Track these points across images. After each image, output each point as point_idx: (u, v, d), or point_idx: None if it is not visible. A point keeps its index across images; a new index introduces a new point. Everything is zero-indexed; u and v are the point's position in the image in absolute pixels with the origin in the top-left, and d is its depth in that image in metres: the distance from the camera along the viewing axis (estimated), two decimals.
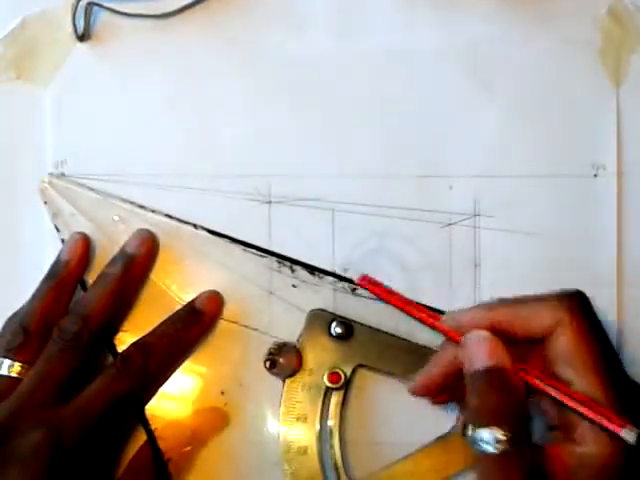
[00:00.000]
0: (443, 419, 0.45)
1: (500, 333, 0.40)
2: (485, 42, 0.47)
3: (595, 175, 0.46)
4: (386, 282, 0.46)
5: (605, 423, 0.38)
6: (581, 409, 0.38)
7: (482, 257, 0.46)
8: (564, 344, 0.39)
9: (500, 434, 0.37)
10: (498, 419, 0.38)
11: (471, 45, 0.47)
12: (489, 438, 0.37)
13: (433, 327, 0.43)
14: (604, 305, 0.45)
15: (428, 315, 0.43)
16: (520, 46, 0.47)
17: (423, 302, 0.46)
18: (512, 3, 0.47)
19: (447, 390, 0.43)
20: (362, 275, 0.45)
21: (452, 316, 0.43)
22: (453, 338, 0.41)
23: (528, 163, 0.46)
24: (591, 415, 0.38)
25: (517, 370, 0.39)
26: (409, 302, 0.45)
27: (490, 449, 0.37)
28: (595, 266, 0.46)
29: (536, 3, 0.47)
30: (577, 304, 0.40)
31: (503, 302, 0.42)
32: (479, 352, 0.39)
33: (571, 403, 0.39)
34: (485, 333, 0.40)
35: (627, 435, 0.37)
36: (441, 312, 0.44)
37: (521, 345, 0.41)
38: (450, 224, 0.47)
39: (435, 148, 0.47)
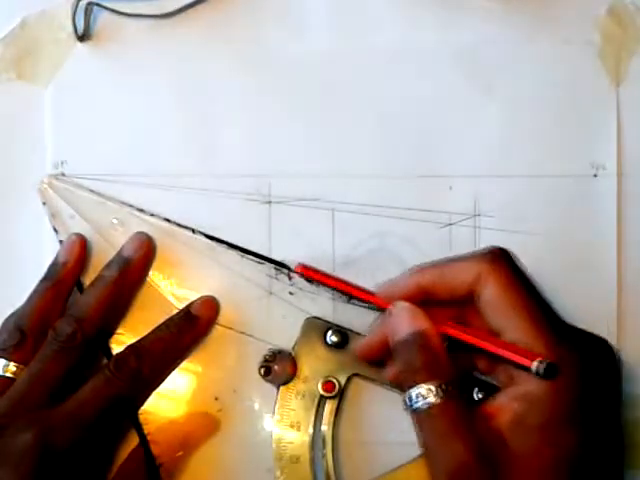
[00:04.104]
0: None
1: (429, 296, 0.41)
2: (485, 42, 0.47)
3: (595, 175, 0.46)
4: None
5: (515, 358, 0.39)
6: (493, 349, 0.40)
7: None
8: (489, 294, 0.40)
9: (426, 390, 0.38)
10: (423, 376, 0.38)
11: (471, 45, 0.47)
12: (418, 396, 0.38)
13: (370, 302, 0.44)
14: (604, 304, 0.46)
15: (365, 292, 0.44)
16: (520, 46, 0.47)
17: None
18: (512, 3, 0.47)
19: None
20: (299, 264, 0.45)
21: (385, 287, 0.44)
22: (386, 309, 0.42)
23: (528, 163, 0.46)
24: (504, 354, 0.39)
25: (438, 330, 0.40)
26: (347, 283, 0.45)
27: (421, 405, 0.38)
28: (595, 266, 0.46)
29: (536, 3, 0.47)
30: (497, 257, 0.41)
31: (432, 265, 0.43)
32: (400, 322, 0.40)
33: (484, 344, 0.40)
34: (403, 303, 0.41)
35: (537, 368, 0.38)
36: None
37: (463, 305, 0.42)
38: (450, 224, 0.47)
39: (435, 148, 0.47)
